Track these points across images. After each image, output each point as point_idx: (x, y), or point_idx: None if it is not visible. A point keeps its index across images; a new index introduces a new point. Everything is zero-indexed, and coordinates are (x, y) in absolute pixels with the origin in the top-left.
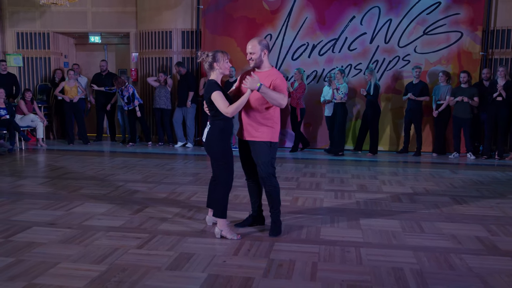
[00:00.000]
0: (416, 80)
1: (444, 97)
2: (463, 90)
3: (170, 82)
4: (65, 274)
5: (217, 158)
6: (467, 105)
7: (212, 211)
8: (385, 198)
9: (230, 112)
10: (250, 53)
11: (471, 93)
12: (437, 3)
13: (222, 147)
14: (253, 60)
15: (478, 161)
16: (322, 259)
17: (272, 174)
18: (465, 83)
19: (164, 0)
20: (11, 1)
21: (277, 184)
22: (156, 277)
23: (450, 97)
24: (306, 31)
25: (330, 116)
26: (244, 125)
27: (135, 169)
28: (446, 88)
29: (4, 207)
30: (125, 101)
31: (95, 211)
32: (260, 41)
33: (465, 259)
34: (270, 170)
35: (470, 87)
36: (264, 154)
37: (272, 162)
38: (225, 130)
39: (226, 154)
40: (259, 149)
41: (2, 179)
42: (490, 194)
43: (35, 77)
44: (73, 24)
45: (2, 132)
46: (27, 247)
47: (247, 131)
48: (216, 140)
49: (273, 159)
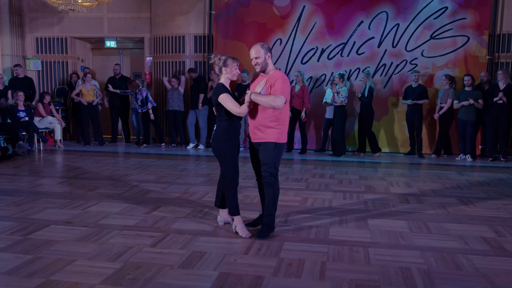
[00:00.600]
0: (415, 83)
1: (445, 100)
2: (467, 93)
3: (183, 80)
4: (81, 271)
5: (222, 157)
6: (472, 108)
7: (222, 210)
8: (393, 199)
9: (242, 112)
10: (255, 57)
11: (475, 95)
12: (444, 8)
13: (226, 147)
14: (258, 64)
15: (484, 163)
16: (331, 259)
17: (273, 174)
18: (469, 86)
19: (177, 6)
20: (31, 7)
21: (277, 186)
22: (169, 275)
23: (453, 100)
24: (315, 36)
25: (330, 118)
26: (251, 127)
27: (148, 170)
28: (449, 91)
29: (23, 205)
30: (139, 104)
31: (110, 210)
32: (263, 45)
33: (472, 260)
34: (272, 170)
35: (474, 90)
36: (268, 154)
37: (275, 163)
38: (229, 130)
39: (231, 153)
40: (263, 150)
41: (21, 179)
42: (497, 195)
43: (53, 81)
44: (90, 29)
45: (21, 133)
46: (44, 245)
47: (254, 133)
48: (220, 140)
49: (277, 160)
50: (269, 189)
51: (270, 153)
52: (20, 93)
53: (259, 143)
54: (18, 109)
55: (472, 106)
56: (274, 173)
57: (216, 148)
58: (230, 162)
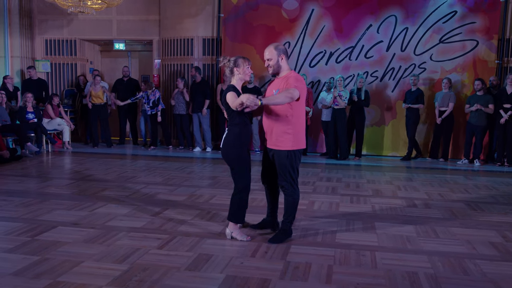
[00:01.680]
0: (413, 87)
1: (447, 104)
2: (478, 98)
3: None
4: (88, 273)
5: (233, 164)
6: (482, 112)
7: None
8: (400, 203)
9: (233, 105)
10: (268, 59)
11: (486, 100)
12: (453, 12)
13: (237, 154)
14: (270, 66)
15: (492, 168)
16: (337, 262)
17: (290, 183)
18: (480, 90)
19: (186, 8)
20: (40, 9)
21: (295, 195)
22: (176, 277)
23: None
24: (324, 39)
25: (328, 121)
26: (266, 132)
27: (156, 172)
28: (449, 94)
29: (31, 207)
30: (150, 105)
31: (117, 212)
32: (277, 46)
33: (479, 265)
34: (288, 180)
35: (485, 95)
36: (281, 164)
37: (290, 172)
38: (241, 136)
39: (242, 160)
40: (277, 159)
41: (29, 180)
42: (505, 200)
43: (62, 83)
44: (99, 31)
45: (30, 135)
46: (52, 246)
47: (269, 139)
48: (231, 146)
49: (293, 168)
50: (287, 198)
51: (283, 162)
52: (28, 95)
53: (274, 150)
54: (27, 111)
55: (481, 111)
56: (291, 182)
57: (226, 153)
58: (241, 168)
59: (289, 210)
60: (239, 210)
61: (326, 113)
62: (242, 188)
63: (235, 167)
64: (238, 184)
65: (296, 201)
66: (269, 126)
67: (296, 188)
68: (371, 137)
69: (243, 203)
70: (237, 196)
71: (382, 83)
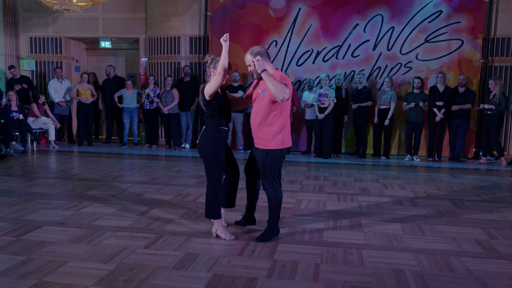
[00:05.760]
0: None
1: (388, 102)
2: (416, 96)
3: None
4: (74, 273)
5: (207, 158)
6: (420, 109)
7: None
8: (387, 201)
9: (218, 71)
10: (248, 65)
11: (423, 97)
12: (438, 12)
13: (212, 148)
14: (252, 71)
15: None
16: (324, 261)
17: (272, 182)
18: (418, 88)
19: (173, 7)
20: (25, 7)
21: (277, 194)
22: (163, 277)
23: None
24: (311, 38)
25: (312, 119)
26: (252, 131)
27: (143, 171)
28: (390, 94)
29: (16, 206)
30: (149, 99)
31: (103, 212)
32: (252, 51)
33: (465, 262)
34: (270, 178)
35: (422, 93)
36: (262, 162)
37: (270, 172)
38: (217, 134)
39: (216, 155)
40: (261, 156)
41: (14, 180)
42: (490, 198)
43: (47, 81)
44: (85, 29)
45: (15, 133)
46: (37, 246)
47: (255, 137)
48: (206, 143)
49: (273, 167)
50: (269, 197)
51: (265, 160)
52: (11, 93)
53: (258, 149)
54: (11, 110)
55: (420, 108)
56: (272, 180)
57: (202, 150)
58: (213, 164)
59: (273, 208)
60: (214, 206)
61: (310, 111)
62: (214, 183)
63: (208, 163)
64: (210, 179)
65: (278, 199)
66: (254, 124)
67: (277, 187)
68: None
69: (217, 199)
70: (211, 192)
71: (369, 82)
